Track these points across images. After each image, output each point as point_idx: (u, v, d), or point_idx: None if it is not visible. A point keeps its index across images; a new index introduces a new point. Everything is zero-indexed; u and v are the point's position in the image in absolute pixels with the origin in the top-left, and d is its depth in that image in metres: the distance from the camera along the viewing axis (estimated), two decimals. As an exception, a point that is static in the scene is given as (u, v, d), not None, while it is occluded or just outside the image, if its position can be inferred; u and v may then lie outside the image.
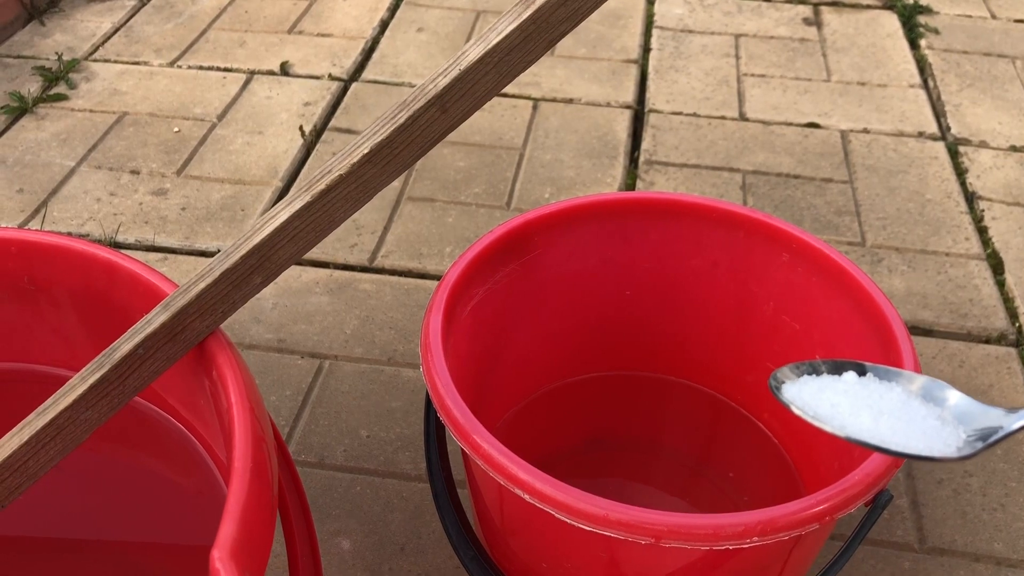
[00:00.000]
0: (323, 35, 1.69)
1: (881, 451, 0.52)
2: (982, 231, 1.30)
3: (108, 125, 1.45)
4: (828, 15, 1.80)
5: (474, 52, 0.61)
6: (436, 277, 1.20)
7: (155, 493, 0.80)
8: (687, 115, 1.51)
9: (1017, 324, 1.15)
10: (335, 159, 0.63)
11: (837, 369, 0.57)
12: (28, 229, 0.79)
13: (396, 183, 1.34)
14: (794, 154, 1.43)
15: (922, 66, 1.66)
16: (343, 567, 0.88)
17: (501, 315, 0.82)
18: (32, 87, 1.53)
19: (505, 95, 1.53)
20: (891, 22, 1.78)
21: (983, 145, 1.46)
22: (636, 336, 0.91)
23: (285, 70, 1.59)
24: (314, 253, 1.21)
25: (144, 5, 1.77)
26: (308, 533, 0.70)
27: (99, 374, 0.61)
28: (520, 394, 0.90)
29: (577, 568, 0.68)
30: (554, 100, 1.54)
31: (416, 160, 0.64)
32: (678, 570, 0.64)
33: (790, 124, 1.50)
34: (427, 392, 0.69)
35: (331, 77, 1.58)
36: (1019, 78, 1.62)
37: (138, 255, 1.20)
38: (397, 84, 1.57)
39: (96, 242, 0.80)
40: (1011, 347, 1.12)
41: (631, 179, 1.38)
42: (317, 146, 1.42)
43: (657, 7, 1.81)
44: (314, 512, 0.90)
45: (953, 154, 1.44)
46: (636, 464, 0.92)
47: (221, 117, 1.48)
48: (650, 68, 1.63)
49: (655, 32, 1.74)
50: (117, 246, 1.23)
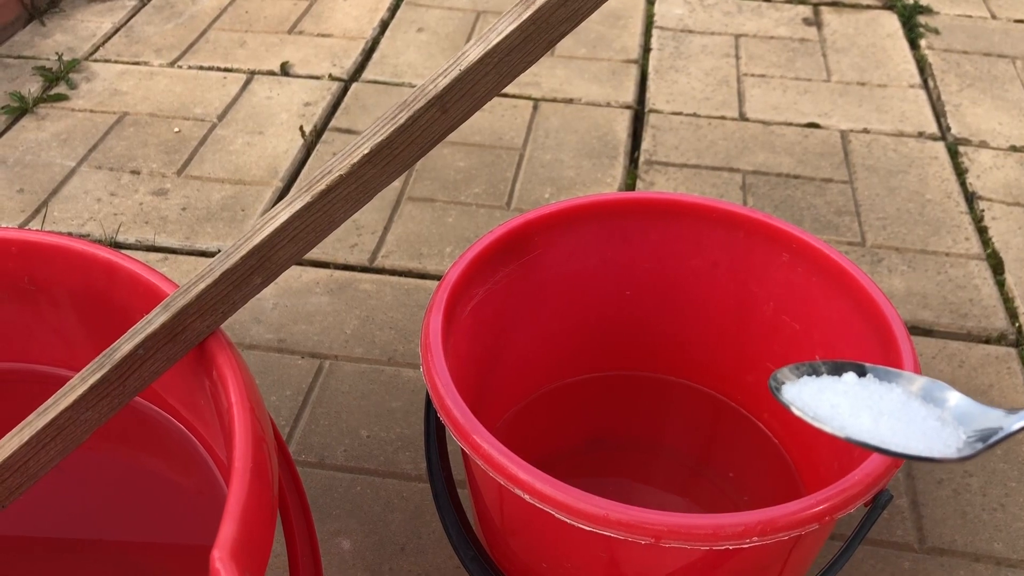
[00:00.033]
0: (323, 35, 1.69)
1: (881, 452, 0.52)
2: (982, 231, 1.30)
3: (108, 125, 1.45)
4: (828, 15, 1.80)
5: (474, 52, 0.61)
6: (436, 277, 1.20)
7: (155, 493, 0.80)
8: (687, 115, 1.51)
9: (1017, 324, 1.15)
10: (335, 159, 0.63)
11: (837, 370, 0.57)
12: (28, 229, 0.79)
13: (396, 183, 1.34)
14: (794, 154, 1.43)
15: (922, 66, 1.66)
16: (343, 567, 0.88)
17: (501, 315, 0.82)
18: (32, 87, 1.53)
19: (505, 95, 1.53)
20: (891, 22, 1.78)
21: (983, 145, 1.46)
22: (636, 336, 0.91)
23: (285, 70, 1.59)
24: (314, 253, 1.21)
25: (144, 5, 1.77)
26: (308, 533, 0.70)
27: (99, 374, 0.61)
28: (520, 394, 0.90)
29: (577, 568, 0.68)
30: (554, 100, 1.54)
31: (416, 160, 0.64)
32: (678, 570, 0.64)
33: (790, 124, 1.50)
34: (427, 392, 0.69)
35: (331, 77, 1.58)
36: (1019, 78, 1.62)
37: (138, 255, 1.20)
38: (397, 84, 1.57)
39: (96, 242, 0.80)
40: (1011, 347, 1.12)
41: (631, 179, 1.38)
42: (317, 146, 1.42)
43: (657, 7, 1.81)
44: (314, 512, 0.90)
45: (953, 154, 1.44)
46: (636, 464, 0.92)
47: (221, 117, 1.48)
48: (650, 68, 1.63)
49: (655, 32, 1.74)
50: (117, 246, 1.23)
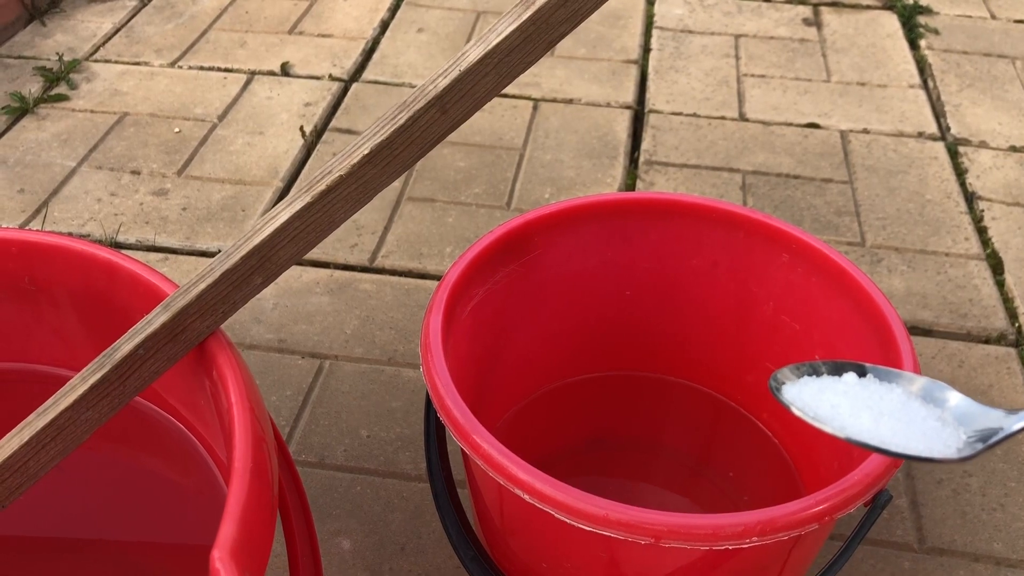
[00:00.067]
0: (324, 35, 1.69)
1: (881, 452, 0.52)
2: (982, 231, 1.30)
3: (109, 125, 1.45)
4: (828, 15, 1.80)
5: (474, 53, 0.61)
6: (436, 277, 1.20)
7: (155, 493, 0.80)
8: (687, 115, 1.51)
9: (1017, 324, 1.15)
10: (335, 160, 0.63)
11: (837, 370, 0.57)
12: (29, 229, 0.79)
13: (396, 183, 1.34)
14: (794, 154, 1.43)
15: (922, 66, 1.66)
16: (343, 567, 0.88)
17: (501, 315, 0.82)
18: (33, 87, 1.53)
19: (505, 95, 1.53)
20: (891, 22, 1.78)
21: (983, 145, 1.46)
22: (636, 336, 0.91)
23: (286, 70, 1.59)
24: (314, 253, 1.22)
25: (145, 5, 1.77)
26: (308, 533, 0.70)
27: (99, 374, 0.61)
28: (520, 394, 0.90)
29: (577, 568, 0.68)
30: (554, 100, 1.54)
31: (416, 161, 0.64)
32: (678, 570, 0.64)
33: (790, 124, 1.50)
34: (427, 392, 0.69)
35: (331, 77, 1.58)
36: (1019, 78, 1.62)
37: (139, 255, 1.20)
38: (397, 84, 1.57)
39: (97, 242, 0.80)
40: (1011, 347, 1.12)
41: (631, 179, 1.38)
42: (317, 146, 1.42)
43: (657, 7, 1.81)
44: (314, 512, 0.90)
45: (953, 154, 1.44)
46: (636, 464, 0.92)
47: (222, 117, 1.48)
48: (650, 68, 1.63)
49: (655, 32, 1.74)
50: (118, 246, 1.23)
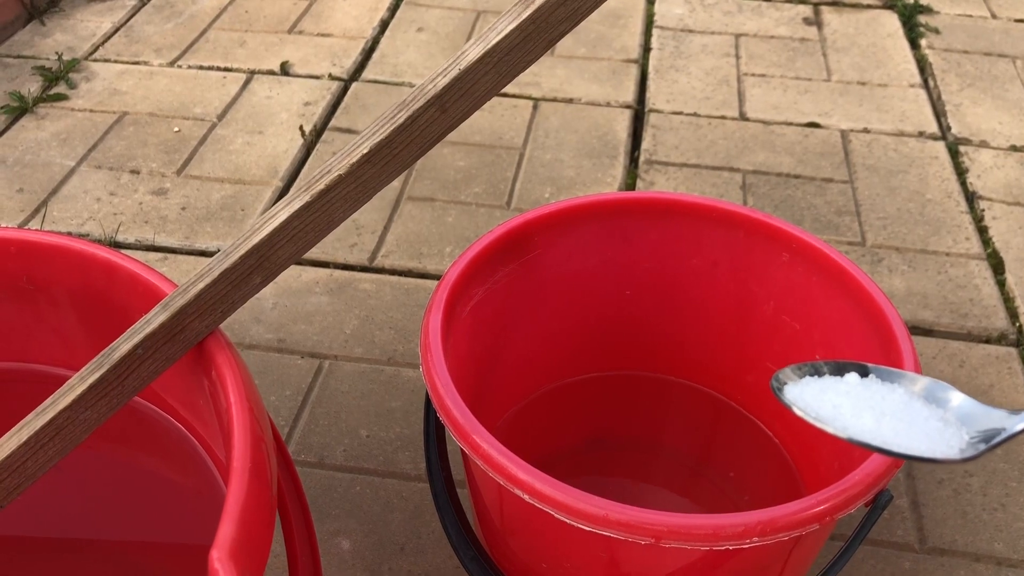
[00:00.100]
0: (323, 35, 1.69)
1: (883, 453, 0.52)
2: (982, 231, 1.30)
3: (108, 125, 1.45)
4: (828, 15, 1.80)
5: (474, 52, 0.61)
6: (436, 277, 1.19)
7: (155, 493, 0.80)
8: (687, 115, 1.51)
9: (1017, 324, 1.15)
10: (335, 159, 0.63)
11: (839, 370, 0.57)
12: (28, 229, 0.79)
13: (396, 183, 1.34)
14: (794, 154, 1.43)
15: (922, 66, 1.66)
16: (343, 567, 0.88)
17: (501, 315, 0.82)
18: (32, 87, 1.53)
19: (505, 95, 1.52)
20: (891, 22, 1.78)
21: (983, 145, 1.46)
22: (636, 336, 0.91)
23: (285, 70, 1.59)
24: (314, 253, 1.21)
25: (144, 5, 1.77)
26: (308, 533, 0.70)
27: (98, 374, 0.61)
28: (520, 394, 0.90)
29: (577, 568, 0.67)
30: (554, 100, 1.54)
31: (416, 160, 0.64)
32: (678, 570, 0.64)
33: (790, 124, 1.50)
34: (427, 392, 0.69)
35: (331, 77, 1.58)
36: (1019, 78, 1.62)
37: (138, 255, 1.20)
38: (397, 84, 1.57)
39: (96, 242, 0.80)
40: (1011, 347, 1.12)
41: (631, 179, 1.38)
42: (317, 146, 1.42)
43: (657, 7, 1.81)
44: (314, 512, 0.90)
45: (953, 154, 1.44)
46: (636, 464, 0.92)
47: (221, 117, 1.48)
48: (650, 68, 1.63)
49: (655, 32, 1.73)
50: (117, 246, 1.23)
